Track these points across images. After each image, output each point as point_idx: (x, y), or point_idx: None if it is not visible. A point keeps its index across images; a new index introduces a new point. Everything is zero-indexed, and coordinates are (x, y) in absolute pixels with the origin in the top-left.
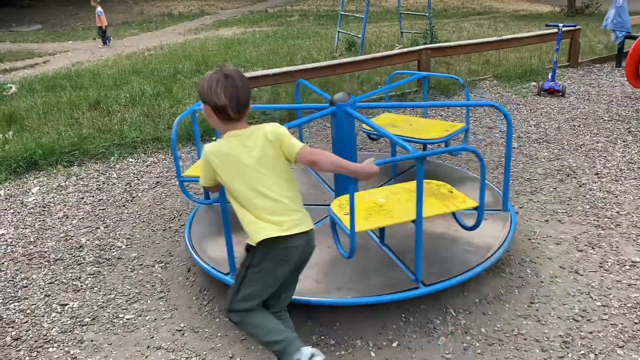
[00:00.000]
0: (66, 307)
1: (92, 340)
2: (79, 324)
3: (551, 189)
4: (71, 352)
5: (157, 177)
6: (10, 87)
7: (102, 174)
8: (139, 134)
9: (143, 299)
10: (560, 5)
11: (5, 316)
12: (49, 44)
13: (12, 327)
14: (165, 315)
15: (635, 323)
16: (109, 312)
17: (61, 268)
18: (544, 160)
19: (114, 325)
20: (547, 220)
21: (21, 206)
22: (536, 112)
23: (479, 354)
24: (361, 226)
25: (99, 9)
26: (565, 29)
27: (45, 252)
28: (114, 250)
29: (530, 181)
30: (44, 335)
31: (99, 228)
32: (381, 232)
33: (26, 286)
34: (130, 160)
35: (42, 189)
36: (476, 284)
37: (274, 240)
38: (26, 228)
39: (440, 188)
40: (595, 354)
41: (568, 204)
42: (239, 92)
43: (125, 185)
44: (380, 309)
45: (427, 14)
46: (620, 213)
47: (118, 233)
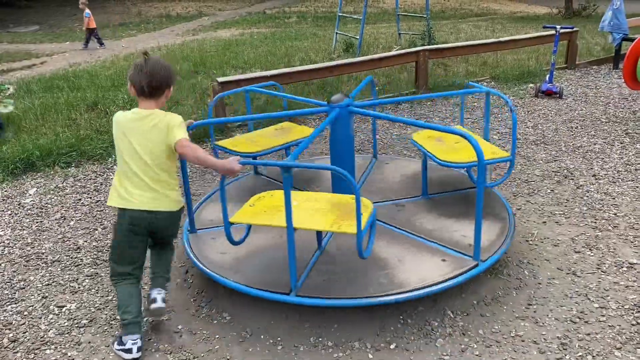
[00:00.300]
0: (63, 309)
1: (90, 342)
2: (76, 325)
3: (549, 191)
4: (68, 354)
5: None
6: (8, 88)
7: (100, 175)
8: None
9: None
10: (558, 7)
11: (2, 318)
12: (47, 45)
13: (10, 329)
14: (162, 317)
15: (633, 325)
16: (106, 314)
17: (59, 269)
18: (541, 161)
19: (111, 327)
20: (545, 222)
21: (18, 207)
22: (534, 114)
23: (476, 355)
24: (237, 218)
25: (87, 10)
26: (562, 30)
27: (43, 254)
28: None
29: (528, 183)
30: (41, 337)
31: (97, 229)
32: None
33: (23, 288)
34: None
35: (40, 190)
36: (474, 285)
37: (121, 209)
38: (23, 229)
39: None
40: (593, 356)
41: (566, 206)
42: (149, 78)
43: None
44: (378, 310)
45: (425, 16)
46: (618, 215)
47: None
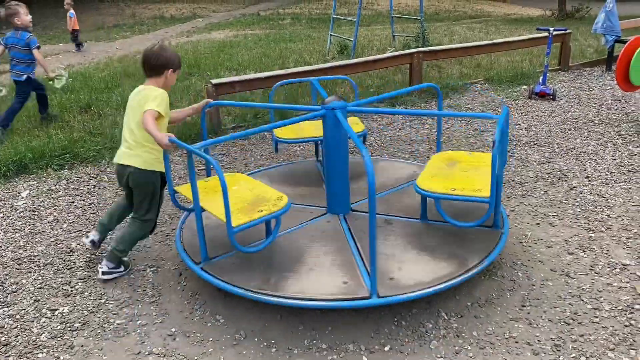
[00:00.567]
0: (56, 312)
1: (83, 346)
2: (69, 329)
3: (542, 192)
4: (61, 358)
5: None
6: (1, 90)
7: (93, 177)
8: None
9: (134, 304)
10: (551, 9)
11: None
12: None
13: (1, 333)
14: (156, 320)
15: (626, 326)
16: (99, 317)
17: (51, 273)
18: (535, 163)
19: (104, 331)
20: (539, 224)
21: (11, 210)
22: (527, 116)
23: (470, 357)
24: (181, 188)
25: (72, 11)
26: (556, 32)
27: (35, 257)
28: (104, 254)
29: (521, 184)
30: (34, 341)
31: (90, 232)
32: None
33: (15, 291)
34: None
35: (32, 192)
36: (468, 287)
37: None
38: (16, 232)
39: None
40: (587, 357)
41: (559, 207)
42: (149, 58)
43: (116, 188)
44: (372, 312)
45: (419, 18)
46: (611, 216)
47: (109, 237)
